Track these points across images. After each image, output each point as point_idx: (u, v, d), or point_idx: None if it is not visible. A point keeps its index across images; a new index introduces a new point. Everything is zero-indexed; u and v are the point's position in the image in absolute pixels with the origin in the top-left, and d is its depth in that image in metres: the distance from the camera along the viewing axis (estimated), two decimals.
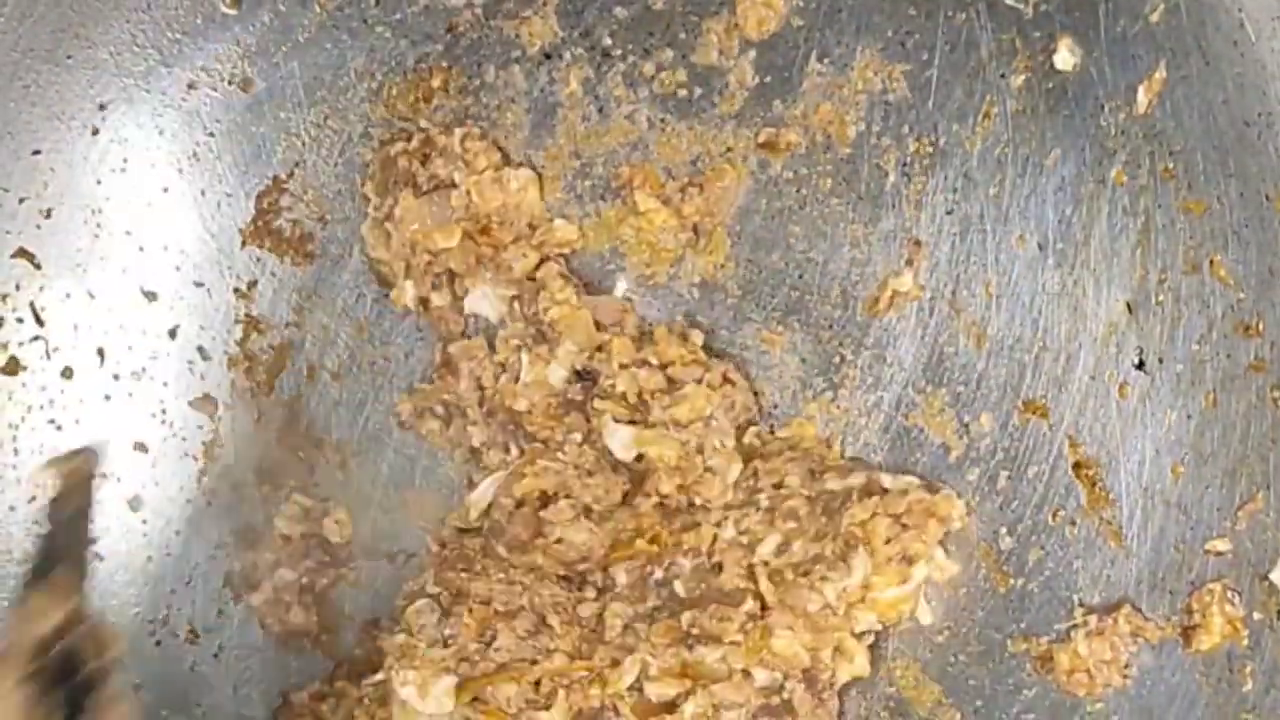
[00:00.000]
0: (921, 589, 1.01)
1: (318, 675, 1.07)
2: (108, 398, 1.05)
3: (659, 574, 1.00)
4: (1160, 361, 0.98)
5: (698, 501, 1.01)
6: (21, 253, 1.03)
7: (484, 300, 1.03)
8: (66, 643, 0.81)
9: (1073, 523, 1.00)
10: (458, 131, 1.04)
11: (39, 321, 1.04)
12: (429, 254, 1.02)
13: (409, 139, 1.05)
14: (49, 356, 1.04)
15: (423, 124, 1.05)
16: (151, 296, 1.06)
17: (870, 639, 1.02)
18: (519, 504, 1.01)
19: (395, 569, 1.07)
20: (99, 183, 1.04)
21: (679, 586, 1.00)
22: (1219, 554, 0.97)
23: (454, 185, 1.03)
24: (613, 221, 1.06)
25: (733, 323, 1.06)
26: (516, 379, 1.01)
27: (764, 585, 0.97)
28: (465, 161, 1.03)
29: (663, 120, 1.04)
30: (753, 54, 1.03)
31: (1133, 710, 0.99)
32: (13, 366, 1.04)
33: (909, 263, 1.03)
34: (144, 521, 1.06)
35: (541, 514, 1.00)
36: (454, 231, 1.02)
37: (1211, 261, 0.95)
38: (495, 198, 1.03)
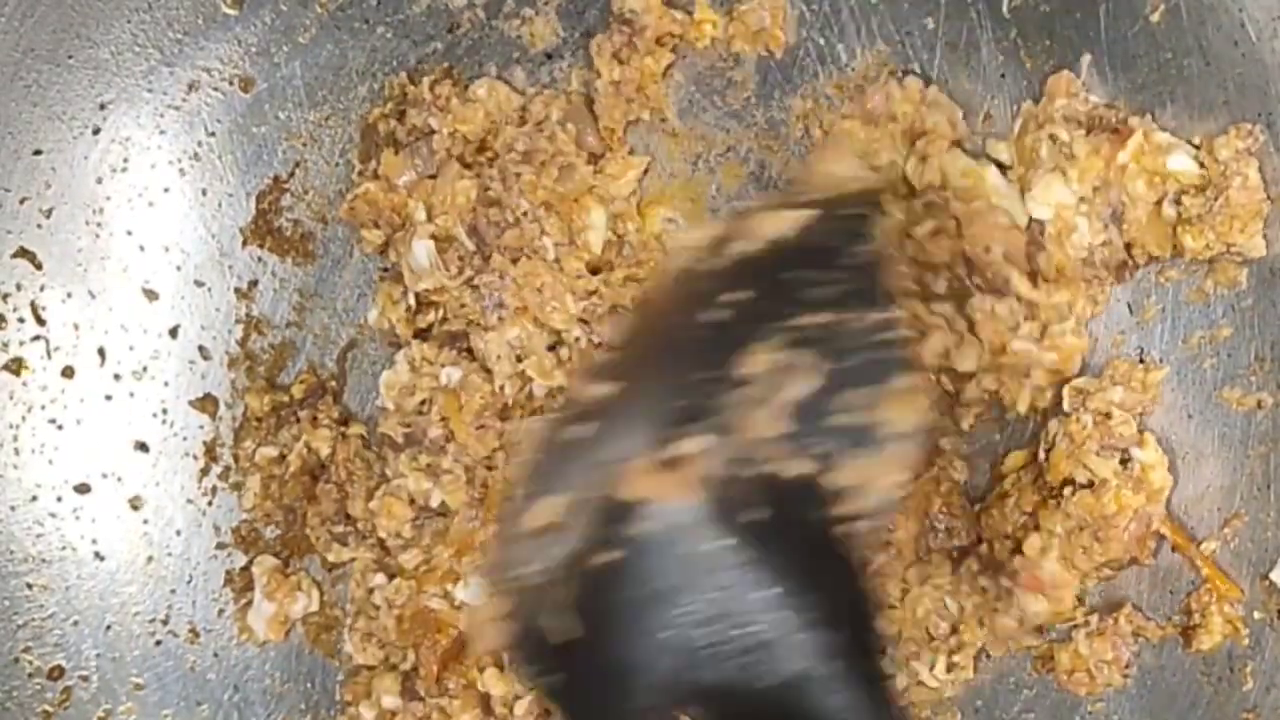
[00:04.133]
0: None
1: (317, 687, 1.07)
2: (109, 397, 1.05)
3: None
4: (1160, 360, 0.98)
5: None
6: (22, 252, 1.03)
7: None
8: None
9: None
10: (425, 80, 1.04)
11: (40, 321, 1.04)
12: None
13: (385, 104, 1.05)
14: (50, 356, 1.04)
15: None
16: (152, 296, 1.06)
17: None
18: None
19: None
20: (100, 182, 1.04)
21: None
22: (1214, 554, 0.97)
23: (432, 131, 1.03)
24: None
25: None
26: None
27: None
28: (439, 108, 1.03)
29: (663, 120, 1.05)
30: (753, 55, 1.03)
31: (1133, 710, 0.99)
32: (15, 366, 1.04)
33: None
34: (144, 521, 1.06)
35: None
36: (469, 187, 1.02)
37: (1211, 261, 0.95)
38: (475, 115, 1.03)
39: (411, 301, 1.04)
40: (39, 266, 1.04)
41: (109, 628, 1.06)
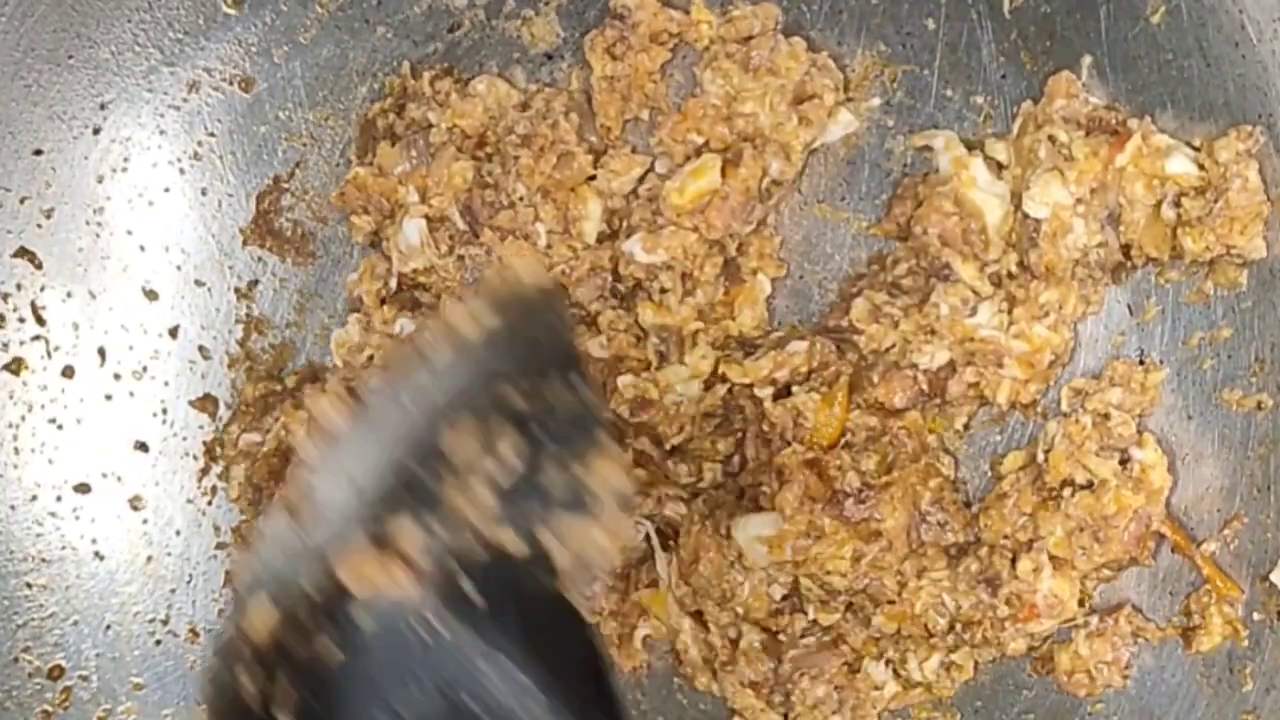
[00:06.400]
0: None
1: None
2: (109, 397, 1.06)
3: None
4: (1160, 361, 0.98)
5: None
6: (22, 252, 1.03)
7: None
8: None
9: None
10: (425, 74, 1.04)
11: (40, 321, 1.04)
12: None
13: (385, 99, 1.05)
14: (50, 356, 1.04)
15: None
16: (152, 296, 1.06)
17: None
18: None
19: None
20: (100, 182, 1.04)
21: None
22: (1214, 554, 0.97)
23: (430, 125, 1.03)
24: None
25: None
26: None
27: None
28: (438, 103, 1.03)
29: (662, 120, 1.04)
30: None
31: (1133, 711, 0.99)
32: (15, 366, 1.04)
33: None
34: (144, 521, 1.06)
35: None
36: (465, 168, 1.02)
37: (1212, 261, 0.95)
38: (474, 110, 1.03)
39: (394, 284, 1.03)
40: (39, 266, 1.04)
41: (109, 628, 1.06)
